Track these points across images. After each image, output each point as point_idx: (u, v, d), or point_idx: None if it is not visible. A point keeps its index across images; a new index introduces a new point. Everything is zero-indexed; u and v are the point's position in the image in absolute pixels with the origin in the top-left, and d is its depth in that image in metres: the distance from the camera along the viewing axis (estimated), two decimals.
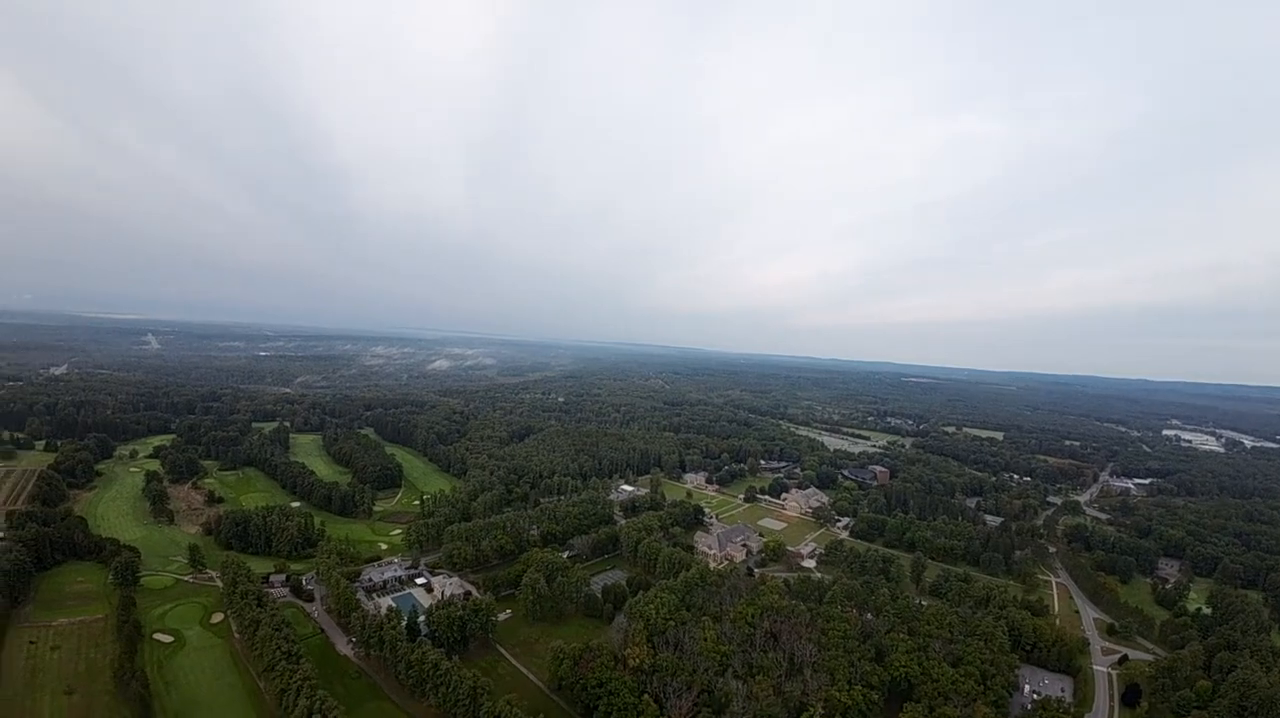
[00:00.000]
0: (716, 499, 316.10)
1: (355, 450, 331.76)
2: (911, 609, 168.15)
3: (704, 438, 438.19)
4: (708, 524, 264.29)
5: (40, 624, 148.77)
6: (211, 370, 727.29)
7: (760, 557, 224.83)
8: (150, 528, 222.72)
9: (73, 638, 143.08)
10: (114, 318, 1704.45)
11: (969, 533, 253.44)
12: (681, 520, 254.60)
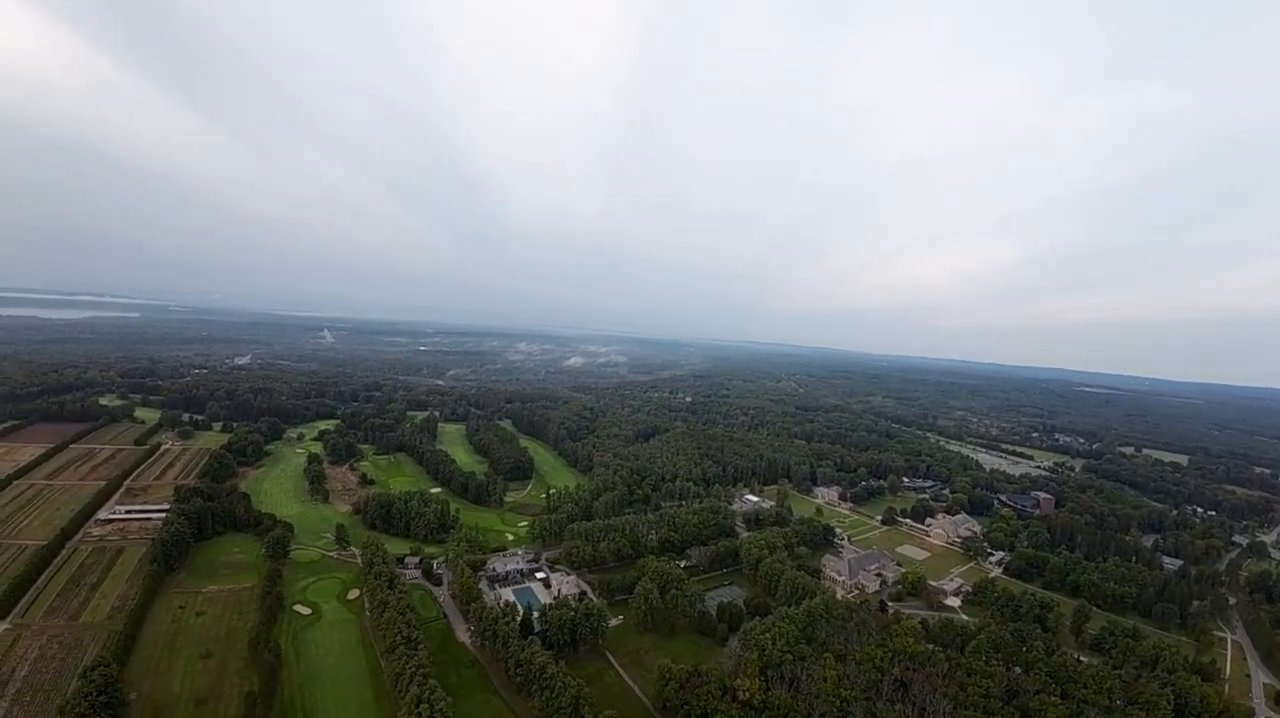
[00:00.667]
0: (850, 519, 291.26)
1: (493, 442, 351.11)
2: (1068, 668, 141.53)
3: (839, 448, 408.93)
4: (838, 547, 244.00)
5: (191, 590, 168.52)
6: (376, 363, 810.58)
7: (895, 589, 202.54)
8: (307, 505, 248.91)
9: (219, 605, 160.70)
10: (297, 315, 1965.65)
11: (1143, 579, 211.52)
12: (809, 540, 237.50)
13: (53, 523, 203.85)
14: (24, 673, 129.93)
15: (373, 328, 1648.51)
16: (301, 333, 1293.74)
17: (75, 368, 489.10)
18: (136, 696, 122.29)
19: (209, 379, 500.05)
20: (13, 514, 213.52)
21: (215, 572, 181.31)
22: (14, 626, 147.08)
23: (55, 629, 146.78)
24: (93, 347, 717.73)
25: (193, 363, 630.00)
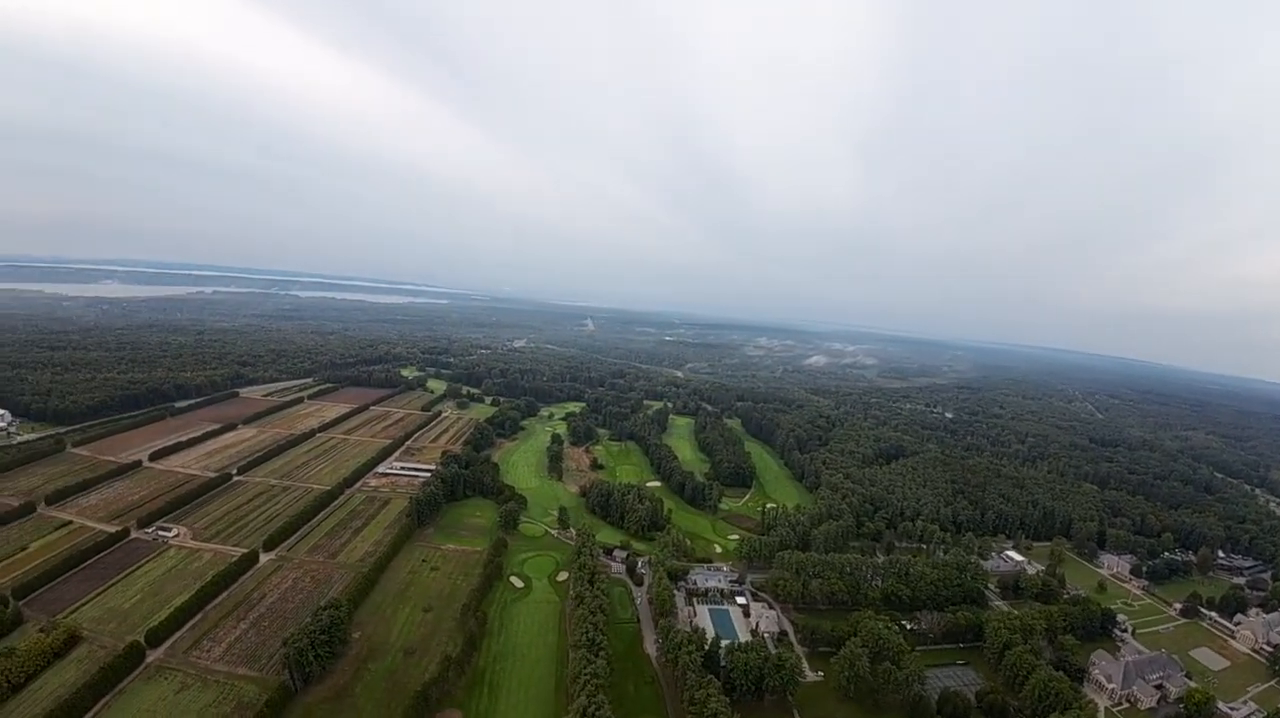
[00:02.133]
0: (1140, 603, 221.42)
1: (717, 442, 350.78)
2: None
3: (1139, 502, 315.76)
4: (1117, 641, 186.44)
5: (433, 546, 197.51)
6: (625, 351, 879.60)
7: (1176, 709, 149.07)
8: (543, 481, 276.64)
9: (452, 563, 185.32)
10: (568, 304, 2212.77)
11: None
12: (1080, 626, 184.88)
13: (339, 472, 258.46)
14: (271, 601, 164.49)
15: (627, 317, 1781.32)
16: (569, 321, 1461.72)
17: (388, 344, 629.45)
18: (360, 636, 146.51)
19: (489, 359, 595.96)
20: (310, 462, 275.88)
21: (456, 532, 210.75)
22: (278, 558, 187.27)
23: (313, 565, 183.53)
24: (405, 327, 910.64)
25: (480, 344, 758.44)
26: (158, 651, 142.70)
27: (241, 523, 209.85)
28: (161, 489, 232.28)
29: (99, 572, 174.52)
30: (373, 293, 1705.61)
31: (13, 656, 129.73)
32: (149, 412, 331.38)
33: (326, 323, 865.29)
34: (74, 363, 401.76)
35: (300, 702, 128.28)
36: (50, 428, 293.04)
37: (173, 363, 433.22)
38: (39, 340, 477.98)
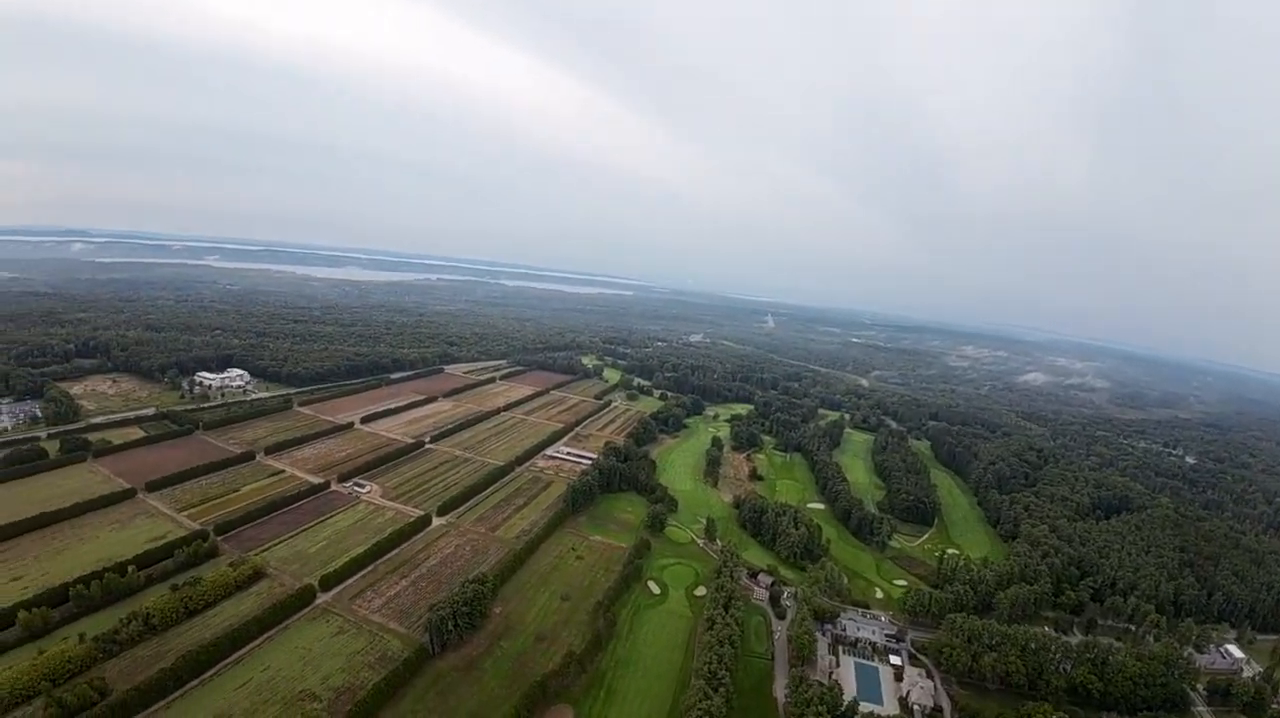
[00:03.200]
0: None
1: (897, 467, 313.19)
2: None
3: None
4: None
5: (581, 535, 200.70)
6: (804, 352, 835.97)
7: None
8: (697, 486, 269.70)
9: (596, 555, 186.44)
10: (749, 300, 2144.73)
11: None
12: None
13: (513, 450, 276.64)
14: (432, 563, 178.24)
15: (810, 315, 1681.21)
16: (748, 317, 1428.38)
17: (573, 332, 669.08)
18: (500, 612, 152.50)
19: (663, 352, 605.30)
20: (490, 438, 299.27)
21: (605, 524, 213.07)
22: (448, 523, 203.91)
23: (475, 535, 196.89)
24: (591, 317, 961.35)
25: (657, 336, 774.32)
26: (327, 594, 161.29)
27: (424, 487, 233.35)
28: (365, 450, 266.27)
29: (295, 517, 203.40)
30: (567, 283, 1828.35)
31: (198, 584, 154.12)
32: (368, 381, 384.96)
33: (525, 310, 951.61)
34: (310, 335, 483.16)
35: (434, 665, 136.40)
36: (282, 389, 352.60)
37: (393, 340, 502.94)
38: (284, 314, 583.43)
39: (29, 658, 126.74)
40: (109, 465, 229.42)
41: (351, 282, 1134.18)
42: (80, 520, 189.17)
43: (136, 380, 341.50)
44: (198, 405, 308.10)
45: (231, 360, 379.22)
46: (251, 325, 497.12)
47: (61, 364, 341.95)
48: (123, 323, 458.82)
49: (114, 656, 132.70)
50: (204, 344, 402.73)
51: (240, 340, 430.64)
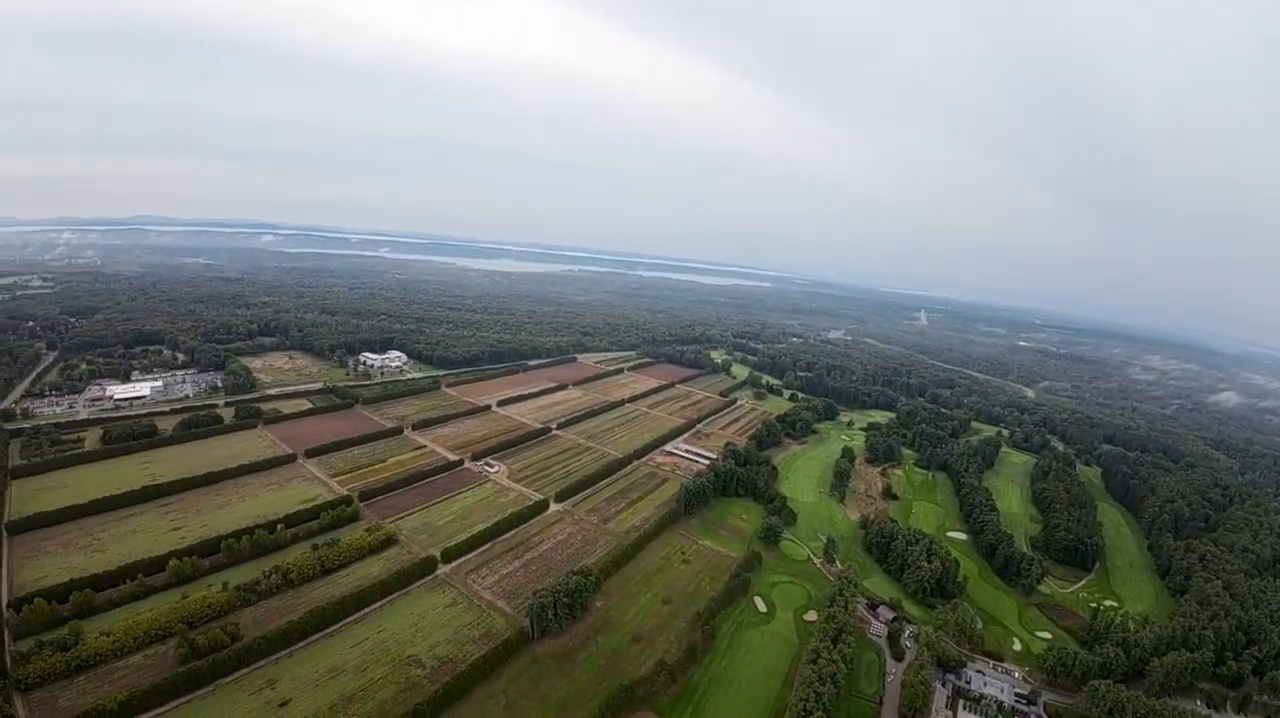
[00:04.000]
0: None
1: (1058, 497, 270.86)
2: None
3: None
4: None
5: (691, 538, 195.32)
6: (960, 355, 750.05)
7: None
8: (820, 499, 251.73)
9: (703, 560, 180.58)
10: (898, 293, 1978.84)
11: None
12: None
13: (633, 443, 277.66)
14: (546, 548, 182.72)
15: (971, 313, 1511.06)
16: (897, 312, 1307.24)
17: (704, 325, 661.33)
18: (601, 606, 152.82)
19: (798, 349, 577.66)
20: (612, 429, 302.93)
21: (716, 530, 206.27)
22: (563, 510, 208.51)
23: (587, 525, 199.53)
24: (725, 309, 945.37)
25: (792, 331, 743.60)
26: (447, 567, 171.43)
27: (547, 472, 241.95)
28: (498, 432, 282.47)
29: (430, 490, 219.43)
30: (703, 274, 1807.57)
31: (335, 545, 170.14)
32: (508, 366, 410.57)
33: (658, 301, 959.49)
34: (462, 322, 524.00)
35: (532, 650, 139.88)
36: (433, 371, 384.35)
37: (533, 328, 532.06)
38: (441, 303, 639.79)
39: (172, 601, 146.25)
40: (276, 432, 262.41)
41: (503, 273, 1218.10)
42: (244, 480, 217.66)
43: (309, 358, 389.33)
44: (360, 382, 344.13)
45: (392, 343, 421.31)
46: (412, 312, 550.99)
47: (244, 341, 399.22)
48: (301, 307, 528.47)
49: (251, 604, 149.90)
50: (369, 328, 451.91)
51: (401, 325, 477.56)
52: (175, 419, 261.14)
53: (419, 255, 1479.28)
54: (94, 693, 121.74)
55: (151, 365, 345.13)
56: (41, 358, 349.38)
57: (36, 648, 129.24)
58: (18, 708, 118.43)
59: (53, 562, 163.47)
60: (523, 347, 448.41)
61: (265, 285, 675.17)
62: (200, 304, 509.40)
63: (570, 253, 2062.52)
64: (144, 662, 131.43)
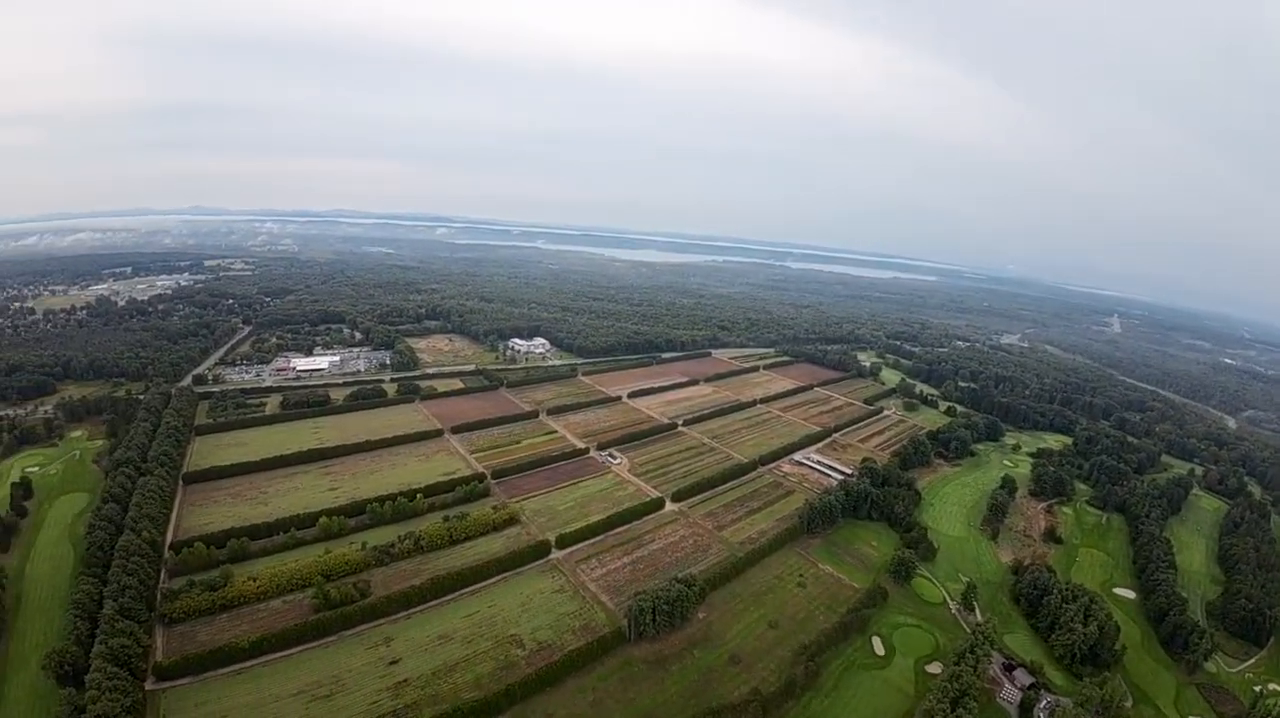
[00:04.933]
0: None
1: (1246, 555, 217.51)
2: None
3: None
4: None
5: (810, 560, 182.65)
6: (1159, 372, 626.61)
7: None
8: (969, 533, 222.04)
9: (820, 587, 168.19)
10: (1089, 293, 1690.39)
11: None
12: None
13: (760, 448, 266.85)
14: (656, 547, 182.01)
15: (1171, 320, 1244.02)
16: (1086, 316, 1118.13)
17: (853, 323, 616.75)
18: (703, 618, 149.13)
19: (962, 355, 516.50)
20: (740, 430, 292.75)
21: (840, 554, 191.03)
22: (679, 510, 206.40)
23: (701, 529, 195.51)
24: (879, 305, 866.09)
25: (958, 334, 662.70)
26: (560, 552, 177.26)
27: (667, 469, 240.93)
28: (625, 423, 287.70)
29: (555, 475, 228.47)
30: (858, 266, 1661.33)
31: (464, 518, 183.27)
32: (641, 358, 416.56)
33: (805, 295, 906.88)
34: (603, 312, 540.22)
35: (627, 651, 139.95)
36: (572, 359, 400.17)
37: (670, 320, 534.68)
38: (586, 293, 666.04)
39: (315, 555, 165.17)
40: (430, 408, 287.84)
41: (647, 263, 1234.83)
42: (395, 450, 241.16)
43: (466, 341, 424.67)
44: (506, 366, 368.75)
45: (539, 330, 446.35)
46: (559, 301, 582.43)
47: (413, 324, 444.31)
48: (463, 294, 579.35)
49: (383, 565, 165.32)
50: (520, 316, 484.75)
51: (548, 314, 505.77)
52: (346, 391, 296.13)
53: (571, 246, 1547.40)
54: (231, 631, 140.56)
55: (332, 342, 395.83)
56: (237, 332, 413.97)
57: (187, 587, 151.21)
58: (157, 639, 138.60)
59: (219, 510, 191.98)
60: (658, 338, 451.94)
61: (435, 274, 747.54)
62: (378, 289, 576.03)
63: (714, 243, 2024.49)
64: (282, 607, 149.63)
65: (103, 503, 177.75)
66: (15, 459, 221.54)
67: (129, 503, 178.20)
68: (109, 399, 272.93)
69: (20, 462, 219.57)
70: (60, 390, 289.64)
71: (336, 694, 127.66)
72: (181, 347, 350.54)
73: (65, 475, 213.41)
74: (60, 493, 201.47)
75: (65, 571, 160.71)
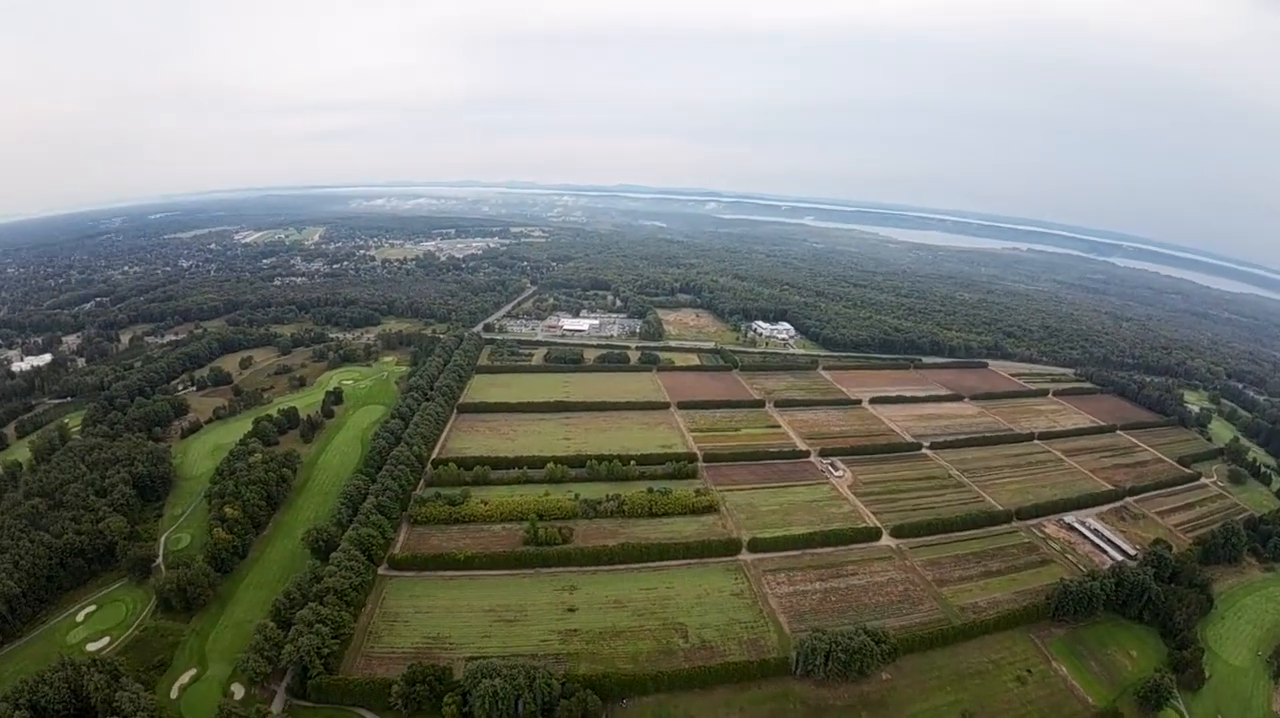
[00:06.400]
0: None
1: None
2: None
3: None
4: None
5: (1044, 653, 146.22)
6: None
7: None
8: (1253, 668, 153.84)
9: (1045, 689, 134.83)
10: None
11: None
12: None
13: (1022, 496, 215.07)
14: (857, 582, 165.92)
15: None
16: None
17: (1187, 350, 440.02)
18: (888, 680, 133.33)
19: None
20: (1001, 468, 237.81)
21: (1083, 655, 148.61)
22: (896, 548, 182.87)
23: (916, 579, 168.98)
24: (1226, 329, 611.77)
25: None
26: (750, 555, 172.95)
27: (895, 497, 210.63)
28: (859, 432, 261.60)
29: (766, 473, 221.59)
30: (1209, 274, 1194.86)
31: (667, 494, 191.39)
32: (897, 359, 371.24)
33: (1129, 304, 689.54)
34: (862, 301, 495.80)
35: (788, 683, 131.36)
36: (815, 349, 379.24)
37: (943, 318, 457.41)
38: (847, 277, 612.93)
39: (536, 494, 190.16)
40: (664, 379, 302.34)
41: (928, 246, 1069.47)
42: (625, 414, 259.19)
43: (711, 317, 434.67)
44: (744, 348, 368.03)
45: (785, 315, 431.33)
46: (814, 284, 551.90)
47: (666, 296, 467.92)
48: (718, 270, 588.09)
49: (587, 518, 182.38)
50: (769, 297, 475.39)
51: (799, 297, 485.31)
52: (596, 353, 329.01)
53: (840, 224, 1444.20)
54: (454, 542, 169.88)
55: (595, 307, 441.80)
56: (524, 290, 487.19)
57: (434, 497, 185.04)
58: (401, 532, 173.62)
59: (475, 439, 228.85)
60: (922, 339, 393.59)
61: (697, 249, 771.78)
62: (643, 261, 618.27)
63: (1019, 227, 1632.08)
64: (500, 532, 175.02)
65: (390, 418, 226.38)
66: (336, 373, 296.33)
67: (410, 421, 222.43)
68: (417, 335, 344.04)
69: (339, 375, 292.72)
70: (382, 324, 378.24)
71: (518, 622, 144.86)
72: (481, 299, 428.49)
73: (370, 390, 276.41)
74: (363, 404, 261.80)
75: (349, 466, 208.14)
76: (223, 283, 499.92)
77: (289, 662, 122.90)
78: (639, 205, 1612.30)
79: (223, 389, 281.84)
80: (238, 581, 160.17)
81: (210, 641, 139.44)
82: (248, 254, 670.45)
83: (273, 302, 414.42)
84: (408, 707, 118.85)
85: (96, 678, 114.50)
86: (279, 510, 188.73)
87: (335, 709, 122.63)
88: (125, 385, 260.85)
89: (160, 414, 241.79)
